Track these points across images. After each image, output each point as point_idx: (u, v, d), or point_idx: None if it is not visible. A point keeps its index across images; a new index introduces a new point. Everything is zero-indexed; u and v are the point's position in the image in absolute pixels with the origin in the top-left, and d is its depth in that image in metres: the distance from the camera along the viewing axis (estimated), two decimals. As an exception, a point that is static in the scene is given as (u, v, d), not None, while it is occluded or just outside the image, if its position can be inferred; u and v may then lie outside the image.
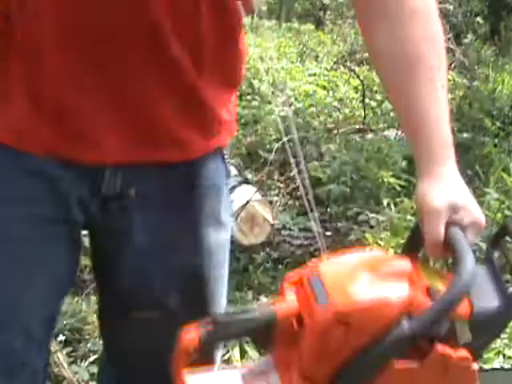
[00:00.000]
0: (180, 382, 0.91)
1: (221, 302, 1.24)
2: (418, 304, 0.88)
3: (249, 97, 5.33)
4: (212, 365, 0.96)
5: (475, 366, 0.92)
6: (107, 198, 1.13)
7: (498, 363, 2.06)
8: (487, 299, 0.92)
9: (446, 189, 1.00)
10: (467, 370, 0.91)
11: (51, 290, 1.14)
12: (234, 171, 3.42)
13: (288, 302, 0.92)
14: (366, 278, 0.90)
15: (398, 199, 3.41)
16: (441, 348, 0.89)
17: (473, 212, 1.01)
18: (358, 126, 4.67)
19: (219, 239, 1.24)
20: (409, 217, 3.11)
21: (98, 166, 1.11)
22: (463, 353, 0.90)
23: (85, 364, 2.22)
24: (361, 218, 3.30)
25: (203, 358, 0.91)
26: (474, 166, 4.05)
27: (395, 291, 0.89)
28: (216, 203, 1.23)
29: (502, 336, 2.22)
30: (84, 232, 1.21)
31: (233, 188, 3.17)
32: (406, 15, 1.08)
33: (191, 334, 0.90)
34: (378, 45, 1.09)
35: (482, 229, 1.01)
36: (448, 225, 0.97)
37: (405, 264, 0.93)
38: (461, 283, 0.88)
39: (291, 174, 3.49)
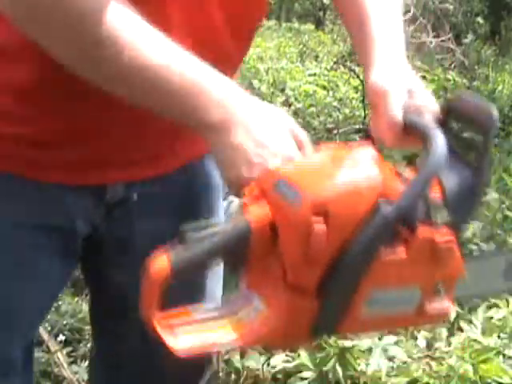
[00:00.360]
0: (154, 319, 0.82)
1: (218, 294, 1.25)
2: (393, 187, 0.83)
3: (249, 97, 5.32)
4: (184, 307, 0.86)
5: (458, 249, 0.88)
6: (112, 205, 1.13)
7: (497, 363, 2.06)
8: (455, 175, 0.89)
9: (399, 74, 0.96)
10: (453, 252, 0.87)
11: (44, 298, 1.14)
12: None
13: (259, 210, 0.83)
14: (334, 169, 0.84)
15: (398, 199, 3.40)
16: (423, 231, 0.85)
17: (427, 96, 0.96)
18: (357, 126, 4.67)
19: None
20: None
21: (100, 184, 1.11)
22: (446, 233, 0.86)
23: (85, 364, 2.22)
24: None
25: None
26: (474, 166, 4.05)
27: (368, 176, 0.83)
28: (216, 203, 1.23)
29: (502, 336, 2.22)
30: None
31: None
32: None
33: (160, 259, 0.81)
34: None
35: (436, 113, 0.95)
36: (405, 109, 0.93)
37: (370, 152, 0.86)
38: (435, 160, 0.84)
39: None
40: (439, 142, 0.85)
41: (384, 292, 0.86)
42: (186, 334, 0.84)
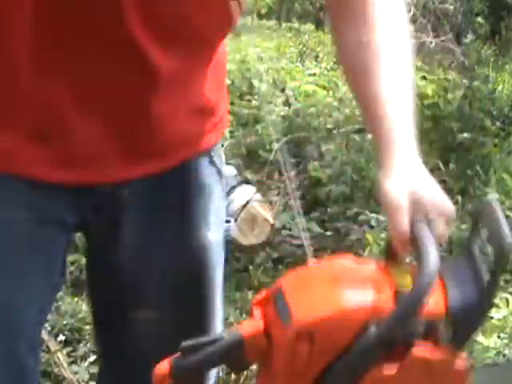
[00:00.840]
0: None
1: (215, 302, 1.24)
2: (385, 307, 0.85)
3: (249, 97, 5.32)
4: None
5: (461, 364, 0.89)
6: (100, 200, 1.13)
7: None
8: (463, 293, 0.88)
9: (406, 181, 0.96)
10: (451, 370, 0.88)
11: (44, 292, 1.14)
12: (233, 171, 3.42)
13: (253, 321, 0.90)
14: (328, 289, 0.87)
15: (398, 199, 3.39)
16: (417, 350, 0.86)
17: (438, 202, 0.95)
18: (357, 126, 4.66)
19: (211, 240, 1.24)
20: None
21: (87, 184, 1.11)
22: (443, 353, 0.87)
23: (85, 364, 2.22)
24: (361, 218, 3.30)
25: None
26: (474, 166, 4.05)
27: (359, 299, 0.86)
28: (207, 203, 1.22)
29: (502, 336, 2.22)
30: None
31: (233, 188, 3.16)
32: (373, 22, 1.08)
33: (162, 366, 0.89)
34: (345, 48, 1.10)
35: (452, 218, 0.95)
36: (413, 218, 0.93)
37: (370, 269, 0.90)
38: (423, 280, 0.84)
39: (291, 174, 3.49)
40: (430, 260, 0.85)
41: None
42: None
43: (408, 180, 0.96)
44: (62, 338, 2.31)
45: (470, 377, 0.90)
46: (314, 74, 6.52)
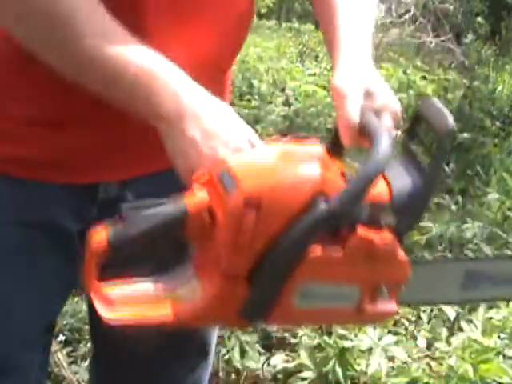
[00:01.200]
0: (92, 289, 0.86)
1: None
2: (334, 185, 0.84)
3: (249, 97, 5.33)
4: (129, 277, 0.90)
5: (403, 255, 0.89)
6: (104, 204, 1.13)
7: (497, 364, 2.06)
8: (405, 181, 0.89)
9: (359, 74, 0.98)
10: (393, 256, 0.88)
11: (47, 296, 1.13)
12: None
13: (198, 195, 0.87)
14: (276, 163, 0.86)
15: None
16: (362, 232, 0.86)
17: (387, 96, 0.97)
18: (358, 126, 4.66)
19: None
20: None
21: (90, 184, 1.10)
22: (386, 235, 0.87)
23: (85, 364, 2.22)
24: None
25: (117, 261, 0.85)
26: (474, 166, 4.05)
27: (307, 171, 0.84)
28: None
29: (502, 336, 2.22)
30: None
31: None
32: None
33: (99, 234, 0.85)
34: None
35: (398, 113, 0.97)
36: (363, 110, 0.94)
37: (318, 149, 0.88)
38: (376, 161, 0.84)
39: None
40: (383, 143, 0.85)
41: (318, 287, 0.87)
42: (124, 306, 0.88)
43: (359, 76, 0.98)
44: (62, 338, 2.31)
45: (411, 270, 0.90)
46: (314, 74, 6.53)
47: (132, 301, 0.89)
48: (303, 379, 2.04)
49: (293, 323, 0.97)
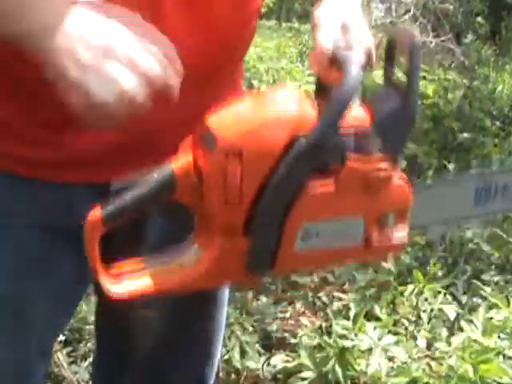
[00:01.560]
0: (96, 266, 0.88)
1: (219, 304, 1.24)
2: (311, 121, 0.84)
3: (249, 97, 5.32)
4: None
5: (400, 177, 0.88)
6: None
7: (497, 364, 2.06)
8: (386, 104, 0.90)
9: (339, 8, 1.01)
10: (388, 181, 0.87)
11: (59, 301, 1.13)
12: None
13: (183, 158, 0.87)
14: (252, 111, 0.86)
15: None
16: (351, 162, 0.85)
17: (361, 31, 1.00)
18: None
19: None
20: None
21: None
22: (376, 161, 0.86)
23: (85, 364, 2.22)
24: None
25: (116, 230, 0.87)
26: (474, 166, 4.05)
27: (284, 111, 0.84)
28: None
29: (502, 336, 2.22)
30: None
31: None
32: None
33: (93, 213, 0.87)
34: None
35: (370, 48, 0.99)
36: (336, 41, 0.96)
37: (294, 92, 0.88)
38: (345, 89, 0.84)
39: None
40: (352, 72, 0.85)
41: (318, 226, 0.87)
42: (129, 279, 0.89)
43: (338, 9, 1.01)
44: (62, 338, 2.31)
45: (411, 193, 0.89)
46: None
47: (137, 273, 0.89)
48: (303, 379, 2.04)
49: (300, 267, 0.95)
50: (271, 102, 0.87)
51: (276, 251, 0.86)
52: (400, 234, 0.90)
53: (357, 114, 0.86)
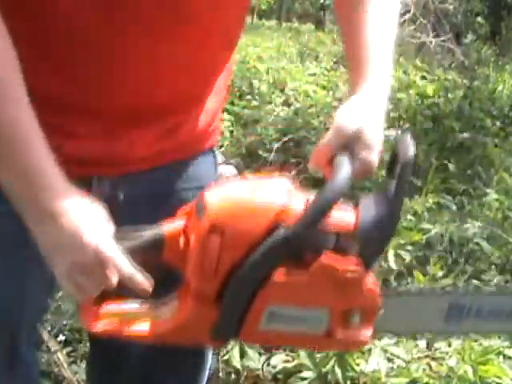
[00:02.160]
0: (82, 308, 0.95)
1: None
2: (295, 213, 0.89)
3: (249, 97, 5.33)
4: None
5: (372, 281, 0.92)
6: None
7: (497, 364, 2.06)
8: (374, 211, 0.93)
9: (360, 112, 1.01)
10: (359, 283, 0.91)
11: (44, 288, 1.14)
12: (234, 171, 3.41)
13: (176, 222, 0.94)
14: (242, 193, 0.91)
15: (398, 199, 3.40)
16: (325, 258, 0.90)
17: (373, 140, 1.00)
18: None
19: None
20: (409, 217, 3.11)
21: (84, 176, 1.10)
22: (351, 262, 0.90)
23: (85, 364, 2.22)
24: (361, 218, 3.30)
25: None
26: (474, 166, 4.05)
27: (268, 200, 0.90)
28: None
29: (502, 337, 2.22)
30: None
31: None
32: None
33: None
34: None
35: (370, 171, 1.01)
36: (344, 145, 0.98)
37: (283, 181, 0.94)
38: (330, 191, 0.89)
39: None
40: (340, 176, 0.91)
41: (284, 309, 0.92)
42: (108, 320, 0.96)
43: (358, 113, 1.00)
44: (62, 338, 2.31)
45: (381, 299, 0.93)
46: (314, 74, 6.53)
47: (116, 316, 0.97)
48: (303, 379, 2.04)
49: (262, 343, 1.02)
50: (263, 188, 0.92)
51: (241, 325, 0.92)
52: (364, 332, 0.94)
53: (343, 216, 0.92)
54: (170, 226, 0.94)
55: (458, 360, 2.04)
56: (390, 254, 2.65)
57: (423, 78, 5.96)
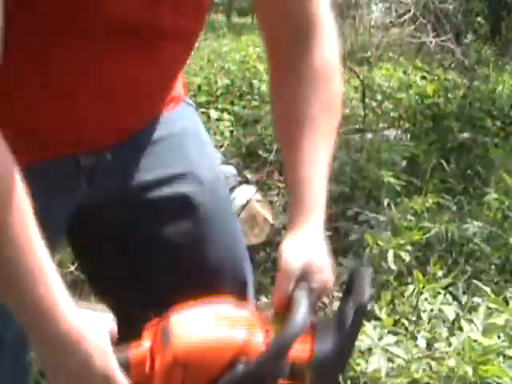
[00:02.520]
0: None
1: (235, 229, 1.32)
2: (256, 348, 0.93)
3: (249, 97, 5.33)
4: None
5: None
6: (90, 173, 1.14)
7: (497, 364, 2.06)
8: (329, 342, 0.97)
9: (304, 249, 1.06)
10: None
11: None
12: (233, 171, 3.42)
13: (141, 346, 0.96)
14: (207, 326, 0.95)
15: (398, 199, 3.41)
16: None
17: (324, 276, 1.06)
18: (357, 126, 4.67)
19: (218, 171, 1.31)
20: (409, 216, 3.11)
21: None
22: None
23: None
24: (361, 217, 3.30)
25: None
26: (474, 166, 4.05)
27: (230, 336, 0.94)
28: (193, 149, 1.26)
29: (503, 338, 2.22)
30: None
31: (233, 188, 3.16)
32: (309, 77, 1.14)
33: None
34: (281, 97, 1.17)
35: (328, 292, 1.08)
36: (297, 283, 1.03)
37: (246, 314, 0.98)
38: (289, 332, 0.93)
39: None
40: (298, 317, 0.94)
41: None
42: None
43: (306, 248, 1.06)
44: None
45: None
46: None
47: None
48: (303, 379, 2.04)
49: None
50: (225, 322, 0.95)
51: None
52: None
53: (301, 347, 0.96)
54: (137, 350, 0.96)
55: (458, 360, 2.04)
56: (390, 253, 2.65)
57: (423, 77, 5.95)
